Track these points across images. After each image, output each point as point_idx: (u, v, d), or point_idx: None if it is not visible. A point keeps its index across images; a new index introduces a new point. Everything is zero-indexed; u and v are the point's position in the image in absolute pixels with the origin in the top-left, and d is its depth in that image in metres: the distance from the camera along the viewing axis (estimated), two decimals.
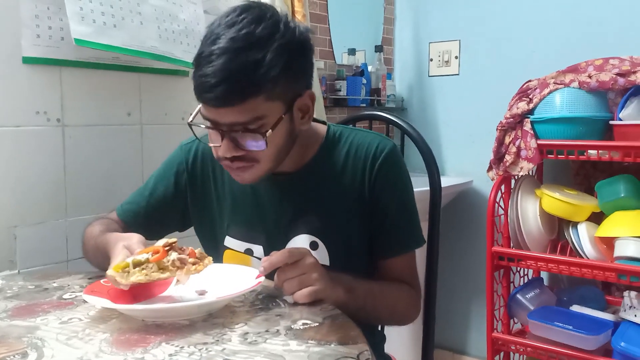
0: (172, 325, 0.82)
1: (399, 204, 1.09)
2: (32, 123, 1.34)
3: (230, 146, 0.94)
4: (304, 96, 0.99)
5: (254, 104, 0.90)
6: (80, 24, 1.30)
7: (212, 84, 0.88)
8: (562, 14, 2.19)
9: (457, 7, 2.47)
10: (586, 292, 1.95)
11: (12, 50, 1.29)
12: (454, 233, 2.47)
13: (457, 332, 2.57)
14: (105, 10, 1.36)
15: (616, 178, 1.77)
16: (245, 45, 0.89)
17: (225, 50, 0.88)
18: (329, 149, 1.09)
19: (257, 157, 0.96)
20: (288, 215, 1.08)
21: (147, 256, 0.85)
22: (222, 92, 0.88)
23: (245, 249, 1.11)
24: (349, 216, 1.07)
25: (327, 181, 1.07)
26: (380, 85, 2.49)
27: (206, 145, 1.15)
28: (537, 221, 1.87)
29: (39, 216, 1.36)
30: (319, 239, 1.07)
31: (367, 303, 1.00)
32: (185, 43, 1.57)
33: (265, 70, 0.89)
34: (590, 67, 1.87)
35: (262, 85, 0.89)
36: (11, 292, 1.01)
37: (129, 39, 1.41)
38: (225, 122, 0.92)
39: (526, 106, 1.89)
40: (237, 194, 1.12)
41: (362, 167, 1.06)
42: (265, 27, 0.91)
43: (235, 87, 0.88)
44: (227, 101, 0.89)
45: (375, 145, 1.07)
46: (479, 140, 2.39)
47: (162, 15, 1.50)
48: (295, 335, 0.78)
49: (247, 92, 0.89)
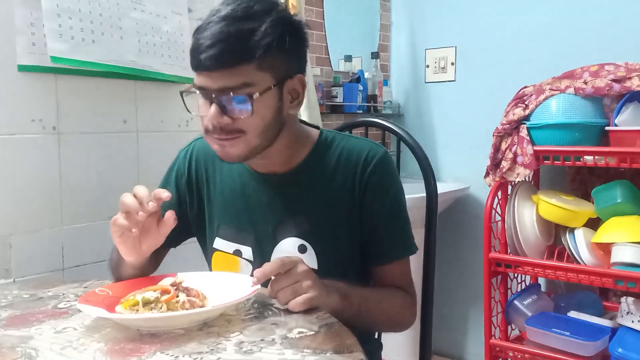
0: (167, 335, 0.81)
1: (391, 211, 1.08)
2: (27, 131, 1.34)
3: (217, 112, 0.95)
4: (294, 79, 1.01)
5: (245, 70, 0.93)
6: (58, 42, 1.32)
7: (207, 45, 0.92)
8: (557, 21, 2.20)
9: (453, 14, 2.48)
10: (584, 298, 1.95)
11: (7, 58, 1.29)
12: (451, 239, 2.47)
13: (454, 338, 2.57)
14: (85, 26, 1.37)
15: (612, 184, 1.77)
16: (243, 16, 0.94)
17: (224, 18, 0.94)
18: (320, 153, 1.09)
19: (243, 128, 0.97)
20: (277, 217, 1.08)
21: (156, 295, 0.86)
22: (215, 53, 0.92)
23: (234, 250, 1.11)
24: (338, 220, 1.07)
25: (317, 184, 1.07)
26: (376, 92, 2.49)
27: (200, 149, 1.17)
28: (534, 227, 1.87)
29: (34, 224, 1.36)
30: (307, 242, 1.07)
31: (362, 309, 1.00)
32: (167, 55, 1.58)
33: (259, 38, 0.93)
34: (586, 73, 1.87)
35: (254, 51, 0.93)
36: (5, 301, 1.01)
37: (106, 54, 1.42)
38: (215, 88, 0.94)
39: (522, 112, 1.89)
40: (227, 195, 1.12)
41: (352, 172, 1.07)
42: (263, 4, 0.96)
43: (228, 49, 0.92)
44: (220, 63, 0.93)
45: (367, 151, 1.07)
46: (475, 147, 2.40)
47: (144, 28, 1.52)
48: (290, 344, 0.77)
49: (240, 56, 0.93)
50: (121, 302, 0.87)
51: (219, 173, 1.14)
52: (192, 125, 1.70)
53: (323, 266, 1.06)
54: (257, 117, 0.96)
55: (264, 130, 0.98)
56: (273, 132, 1.01)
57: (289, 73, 1.00)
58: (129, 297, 0.88)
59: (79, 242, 1.42)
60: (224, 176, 1.13)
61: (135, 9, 1.50)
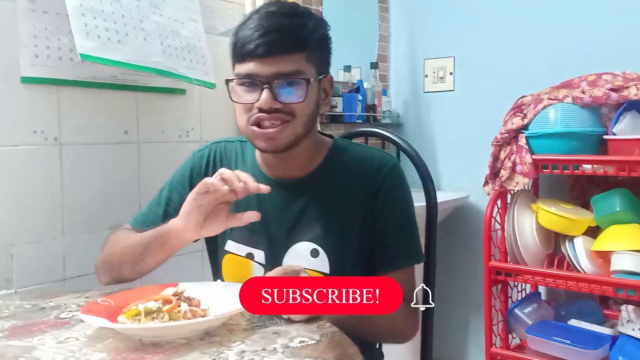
0: (169, 344, 0.82)
1: (400, 218, 1.10)
2: (29, 142, 1.35)
3: (270, 97, 0.99)
4: (327, 77, 1.09)
5: (297, 58, 0.99)
6: (85, 39, 1.31)
7: (261, 33, 0.97)
8: (555, 30, 2.22)
9: (452, 24, 2.50)
10: (584, 306, 1.95)
11: (10, 70, 1.30)
12: (450, 248, 2.47)
13: (455, 347, 2.56)
14: (109, 26, 1.36)
15: (611, 192, 1.78)
16: (291, 13, 1.02)
17: (274, 13, 1.00)
18: (334, 159, 1.12)
19: (293, 111, 1.01)
20: (290, 221, 1.10)
21: (158, 305, 0.87)
22: (271, 40, 0.97)
23: (246, 253, 1.13)
24: (350, 226, 1.09)
25: (330, 190, 1.10)
26: (376, 102, 2.50)
27: (217, 152, 1.20)
28: (534, 236, 1.88)
29: (36, 235, 1.36)
30: (319, 247, 1.08)
31: (364, 319, 1.00)
32: (188, 59, 1.58)
33: (309, 31, 1.01)
34: (584, 83, 1.88)
35: (306, 43, 1.00)
36: (8, 311, 1.01)
37: (133, 54, 1.41)
38: (268, 74, 0.99)
39: (521, 121, 1.90)
40: (241, 199, 1.13)
41: (365, 179, 1.09)
42: (305, 8, 1.08)
43: (283, 38, 0.98)
44: (275, 49, 0.98)
45: (380, 159, 1.11)
46: (474, 155, 2.40)
47: (165, 31, 1.51)
48: (292, 353, 0.77)
49: (293, 45, 0.99)
50: (123, 312, 0.88)
51: None
52: (193, 136, 1.72)
53: (335, 271, 1.08)
54: (307, 103, 1.02)
55: (309, 118, 1.04)
56: (311, 124, 1.06)
57: (325, 71, 1.07)
58: (131, 307, 0.88)
59: (80, 252, 1.43)
60: None
61: (154, 12, 1.49)
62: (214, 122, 1.76)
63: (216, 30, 1.76)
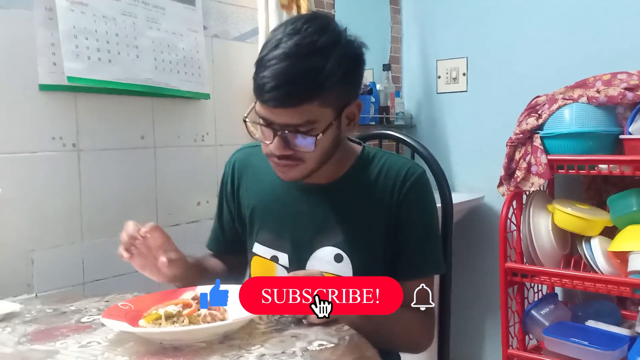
0: (190, 348, 0.83)
1: (423, 228, 1.11)
2: (48, 148, 1.37)
3: (281, 144, 0.99)
4: (352, 105, 1.04)
5: (308, 108, 0.96)
6: (74, 62, 1.35)
7: (273, 86, 0.93)
8: (569, 30, 2.20)
9: (464, 24, 2.50)
10: (601, 307, 1.94)
11: (28, 78, 1.32)
12: (466, 249, 2.46)
13: (472, 349, 2.55)
14: (101, 47, 1.40)
15: (628, 192, 1.76)
16: (309, 53, 0.94)
17: (289, 55, 0.94)
18: (361, 167, 1.12)
19: (303, 157, 1.01)
20: (315, 226, 1.11)
21: (178, 308, 0.88)
22: (281, 94, 0.94)
23: (271, 256, 1.15)
24: (375, 233, 1.10)
25: (356, 197, 1.11)
26: (389, 103, 2.50)
27: (238, 159, 1.23)
28: (550, 236, 1.87)
29: (55, 240, 1.38)
30: (343, 252, 1.09)
31: (380, 326, 1.00)
32: (183, 72, 1.61)
33: (324, 78, 0.94)
34: (599, 82, 1.87)
35: (319, 92, 0.95)
36: (30, 316, 1.03)
37: (122, 72, 1.45)
38: (280, 122, 0.97)
39: (535, 122, 1.89)
40: (267, 203, 1.16)
41: (391, 187, 1.10)
42: (328, 38, 0.96)
43: (294, 90, 0.94)
44: (285, 103, 0.95)
45: (407, 168, 1.11)
46: (489, 156, 2.39)
47: (160, 46, 1.55)
48: (311, 357, 0.78)
49: (305, 96, 0.95)
50: (144, 316, 0.89)
51: (260, 182, 1.18)
52: (208, 140, 1.73)
53: (358, 275, 1.08)
54: (318, 149, 1.00)
55: (323, 157, 1.04)
56: (330, 154, 1.06)
57: (349, 101, 1.03)
58: (151, 311, 0.89)
59: (99, 256, 1.44)
60: (264, 184, 1.17)
61: (151, 27, 1.53)
62: (229, 127, 1.78)
63: (229, 35, 1.77)
